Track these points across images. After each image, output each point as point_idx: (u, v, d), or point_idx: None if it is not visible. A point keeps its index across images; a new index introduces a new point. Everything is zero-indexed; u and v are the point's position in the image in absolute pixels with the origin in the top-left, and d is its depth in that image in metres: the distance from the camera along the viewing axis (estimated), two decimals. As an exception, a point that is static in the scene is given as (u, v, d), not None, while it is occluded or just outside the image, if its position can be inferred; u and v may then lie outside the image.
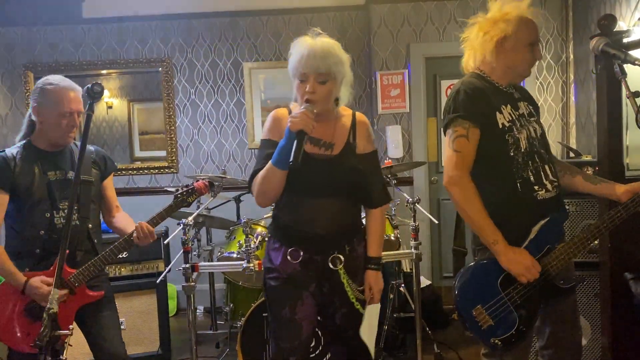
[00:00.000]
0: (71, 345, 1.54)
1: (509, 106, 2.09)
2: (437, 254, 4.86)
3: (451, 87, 4.95)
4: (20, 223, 2.28)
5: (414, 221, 3.26)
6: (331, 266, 2.08)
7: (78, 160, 1.72)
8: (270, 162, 1.96)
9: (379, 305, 2.20)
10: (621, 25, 3.51)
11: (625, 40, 3.22)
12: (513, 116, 2.08)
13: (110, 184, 2.52)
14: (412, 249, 3.21)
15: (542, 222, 2.03)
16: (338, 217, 2.08)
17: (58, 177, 2.32)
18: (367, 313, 2.16)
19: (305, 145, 1.96)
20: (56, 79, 2.30)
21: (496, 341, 2.05)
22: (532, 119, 2.13)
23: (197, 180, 2.49)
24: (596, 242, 2.07)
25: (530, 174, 2.05)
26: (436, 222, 3.63)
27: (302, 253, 2.07)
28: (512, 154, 2.05)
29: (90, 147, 2.44)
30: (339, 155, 2.08)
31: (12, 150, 2.31)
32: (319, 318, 2.19)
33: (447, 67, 4.76)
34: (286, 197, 2.08)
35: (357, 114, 2.20)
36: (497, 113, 2.06)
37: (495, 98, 2.09)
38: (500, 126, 2.05)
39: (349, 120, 2.15)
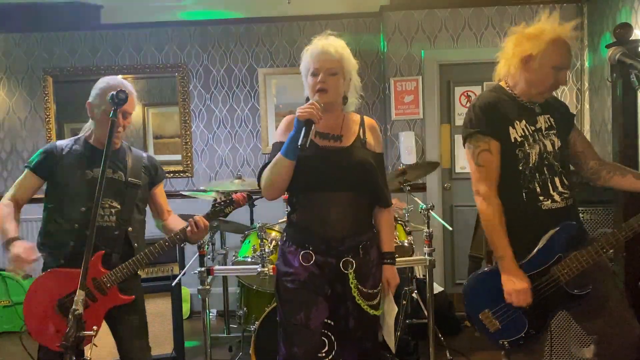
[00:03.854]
0: (96, 346, 1.57)
1: (523, 121, 2.12)
2: (450, 261, 4.86)
3: (465, 93, 4.97)
4: (60, 215, 2.33)
5: (428, 227, 3.27)
6: (342, 269, 2.11)
7: (102, 162, 1.76)
8: (279, 153, 2.04)
9: (394, 304, 2.26)
10: (637, 33, 3.51)
11: (641, 49, 3.21)
12: (527, 131, 2.11)
13: (161, 191, 2.58)
14: (426, 256, 3.22)
15: (552, 231, 2.07)
16: (351, 212, 2.11)
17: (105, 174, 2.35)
18: (385, 310, 2.21)
19: (314, 138, 2.07)
20: (112, 79, 2.37)
21: (504, 342, 2.14)
22: (552, 132, 2.15)
23: (236, 192, 2.49)
24: (611, 250, 2.07)
25: (537, 185, 2.10)
26: (450, 228, 3.63)
27: (314, 256, 2.10)
28: (520, 167, 2.10)
29: (142, 154, 2.53)
30: (350, 146, 2.14)
31: (63, 142, 2.41)
32: (331, 323, 2.21)
33: (461, 74, 4.78)
34: (300, 195, 2.14)
35: (366, 117, 2.27)
36: (510, 128, 2.11)
37: (511, 112, 2.13)
38: (513, 140, 2.10)
39: (358, 120, 2.23)
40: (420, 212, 3.33)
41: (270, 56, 4.98)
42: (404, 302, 3.66)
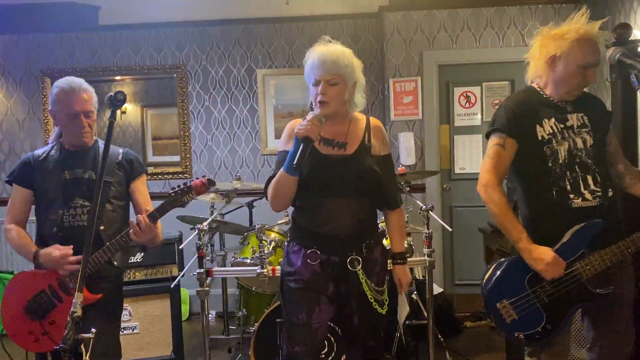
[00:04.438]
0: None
1: (553, 119, 2.14)
2: (450, 261, 4.86)
3: (464, 94, 5.02)
4: (40, 220, 2.37)
5: (428, 228, 3.26)
6: (350, 267, 2.12)
7: (101, 165, 1.75)
8: (281, 169, 2.06)
9: (406, 305, 2.34)
10: (636, 33, 3.51)
11: (640, 49, 3.20)
12: (556, 129, 2.14)
13: (140, 187, 2.44)
14: (426, 257, 3.22)
15: (577, 226, 2.08)
16: (355, 217, 2.12)
17: (77, 175, 2.35)
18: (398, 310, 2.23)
19: (318, 146, 2.10)
20: (63, 82, 2.33)
21: (520, 335, 2.14)
22: (584, 129, 2.16)
23: (197, 178, 2.27)
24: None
25: (567, 183, 2.12)
26: (449, 229, 3.62)
27: (320, 254, 2.12)
28: (550, 164, 2.13)
29: (119, 150, 2.46)
30: (354, 154, 2.14)
31: (40, 150, 2.43)
32: (331, 324, 2.23)
33: (460, 75, 4.77)
34: (304, 199, 2.15)
35: (371, 118, 2.27)
36: (538, 126, 2.14)
37: (540, 111, 2.16)
38: (540, 138, 2.13)
39: (364, 123, 2.22)
40: (420, 213, 3.32)
41: (268, 57, 4.97)
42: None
